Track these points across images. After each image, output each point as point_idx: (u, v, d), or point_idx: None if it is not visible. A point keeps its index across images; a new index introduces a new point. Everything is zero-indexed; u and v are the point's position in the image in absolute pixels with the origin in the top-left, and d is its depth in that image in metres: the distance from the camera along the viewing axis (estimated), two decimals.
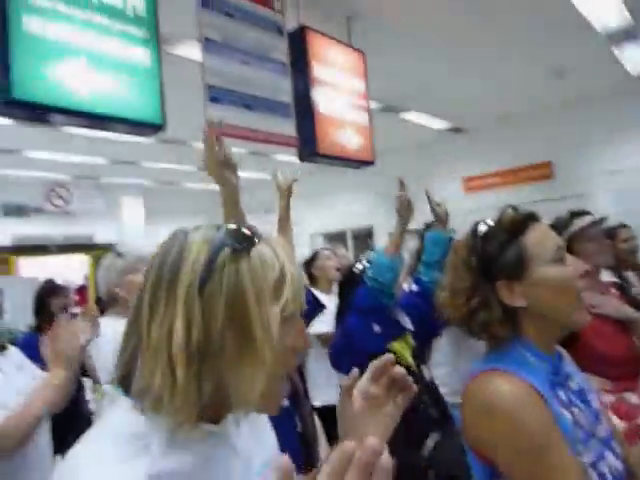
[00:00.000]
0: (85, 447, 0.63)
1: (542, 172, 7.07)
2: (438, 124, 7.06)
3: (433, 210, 2.43)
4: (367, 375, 0.86)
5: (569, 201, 5.77)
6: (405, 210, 2.27)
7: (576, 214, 2.10)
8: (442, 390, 2.25)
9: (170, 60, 2.77)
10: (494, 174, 7.56)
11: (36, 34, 2.00)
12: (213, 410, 0.67)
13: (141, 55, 2.35)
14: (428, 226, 2.79)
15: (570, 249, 1.79)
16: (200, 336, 0.61)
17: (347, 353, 2.10)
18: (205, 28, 2.62)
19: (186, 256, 0.64)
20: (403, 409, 0.86)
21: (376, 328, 2.07)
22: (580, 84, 5.80)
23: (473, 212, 6.76)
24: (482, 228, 1.11)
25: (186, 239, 0.67)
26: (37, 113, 2.09)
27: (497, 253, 1.05)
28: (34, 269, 8.69)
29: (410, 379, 0.86)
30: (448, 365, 2.54)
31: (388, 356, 0.87)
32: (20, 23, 1.96)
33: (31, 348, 1.74)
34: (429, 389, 2.15)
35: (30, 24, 1.99)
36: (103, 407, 2.16)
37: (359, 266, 2.38)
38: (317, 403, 2.98)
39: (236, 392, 0.63)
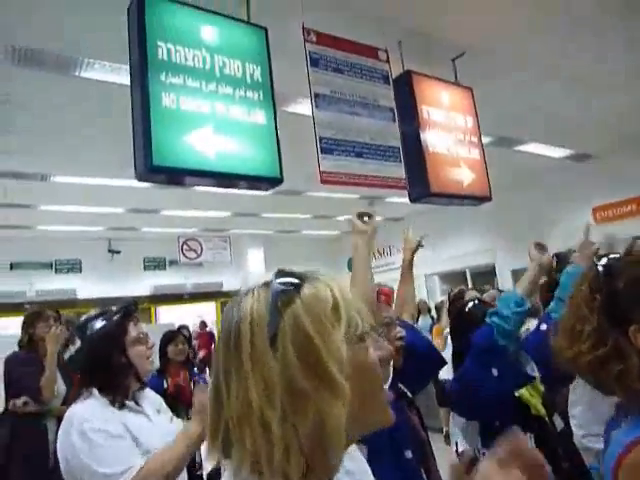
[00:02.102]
0: None
1: None
2: (559, 152, 6.66)
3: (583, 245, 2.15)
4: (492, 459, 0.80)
5: None
6: (544, 258, 2.05)
7: None
8: (578, 433, 2.03)
9: (284, 117, 2.98)
10: (628, 202, 6.88)
11: (171, 108, 2.28)
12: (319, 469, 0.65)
13: (259, 116, 2.55)
14: (558, 258, 2.58)
15: None
16: (282, 388, 0.61)
17: (464, 396, 1.99)
18: (315, 85, 2.79)
19: (244, 317, 0.66)
20: None
21: (494, 371, 1.93)
22: None
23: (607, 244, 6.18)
24: (608, 262, 0.98)
25: (240, 303, 0.69)
26: (173, 176, 2.36)
27: (629, 292, 0.91)
28: (170, 316, 9.51)
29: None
30: (583, 404, 2.30)
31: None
32: (158, 100, 2.25)
33: (156, 389, 1.89)
34: (562, 441, 1.95)
35: (166, 100, 2.28)
36: None
37: (471, 304, 2.28)
38: None
39: (329, 431, 0.62)
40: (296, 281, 0.69)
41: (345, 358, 0.64)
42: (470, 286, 9.07)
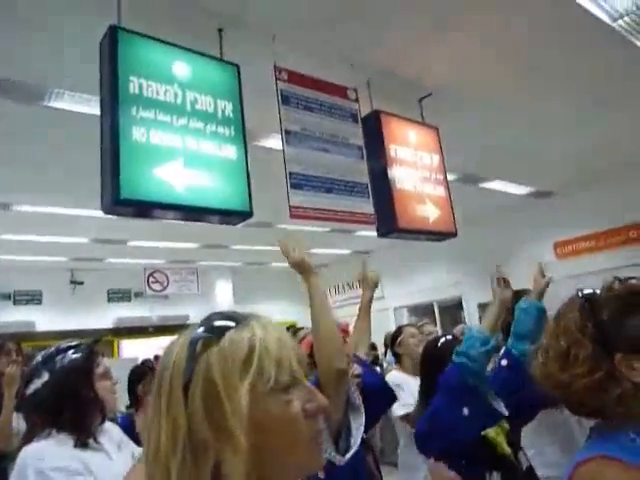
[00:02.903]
0: None
1: None
2: (522, 189, 6.90)
3: (536, 281, 2.24)
4: None
5: None
6: (505, 293, 2.12)
7: None
8: (539, 473, 2.05)
9: (256, 152, 3.01)
10: (588, 237, 7.14)
11: (141, 141, 2.29)
12: None
13: (230, 151, 2.58)
14: (517, 294, 2.64)
15: None
16: (186, 435, 0.62)
17: (433, 437, 1.98)
18: (286, 122, 2.85)
19: (170, 358, 0.67)
20: None
21: (465, 411, 1.94)
22: None
23: (569, 278, 6.37)
24: (592, 295, 1.05)
25: (176, 341, 0.69)
26: (141, 210, 2.34)
27: (613, 324, 0.99)
28: (134, 349, 9.23)
29: None
30: (532, 447, 2.34)
31: None
32: (128, 133, 2.25)
33: (127, 427, 1.84)
34: (527, 479, 1.96)
35: (136, 133, 2.28)
36: None
37: (443, 340, 2.30)
38: None
39: None
40: (225, 325, 0.68)
41: (248, 411, 0.62)
42: (438, 319, 9.17)
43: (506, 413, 1.94)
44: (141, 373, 3.58)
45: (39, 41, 2.82)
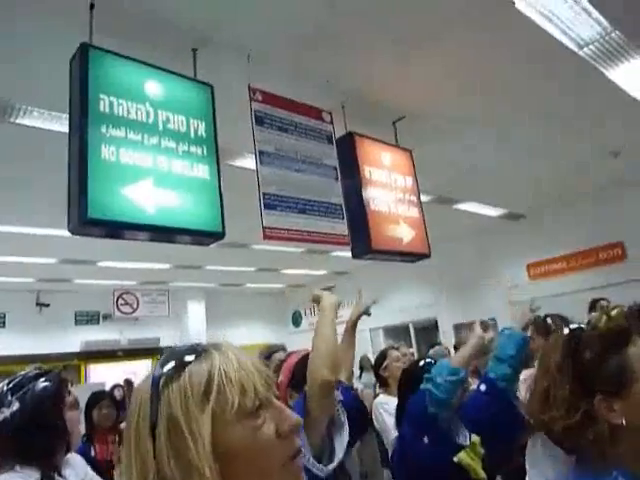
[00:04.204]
0: None
1: (613, 254, 6.73)
2: (495, 211, 7.01)
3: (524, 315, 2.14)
4: None
5: None
6: (478, 345, 2.11)
7: None
8: None
9: (230, 171, 2.98)
10: (559, 259, 7.29)
11: (110, 160, 2.23)
12: None
13: (202, 171, 2.54)
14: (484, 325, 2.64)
15: None
16: (154, 473, 0.61)
17: (403, 464, 1.97)
18: (259, 143, 2.83)
19: (137, 394, 0.67)
20: None
21: (425, 439, 1.93)
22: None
23: (542, 299, 6.47)
24: (575, 333, 1.03)
25: (139, 386, 0.69)
26: (109, 230, 2.27)
27: (594, 365, 0.97)
28: (102, 374, 8.93)
29: None
30: None
31: None
32: (97, 152, 2.20)
33: (84, 457, 1.78)
34: None
35: (106, 152, 2.22)
36: None
37: (422, 363, 2.29)
38: None
39: None
40: (186, 359, 0.67)
41: (213, 440, 0.62)
42: (413, 340, 9.17)
43: (466, 444, 1.93)
44: (95, 399, 3.46)
45: (5, 57, 2.76)
